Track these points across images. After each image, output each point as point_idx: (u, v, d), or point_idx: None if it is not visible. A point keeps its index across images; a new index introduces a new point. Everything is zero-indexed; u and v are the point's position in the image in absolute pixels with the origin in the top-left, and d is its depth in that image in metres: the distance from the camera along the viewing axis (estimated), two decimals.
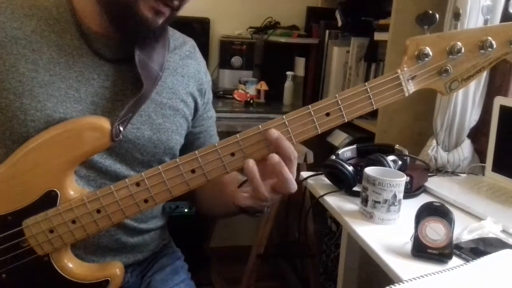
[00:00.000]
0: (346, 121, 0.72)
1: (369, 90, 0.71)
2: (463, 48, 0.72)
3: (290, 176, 0.71)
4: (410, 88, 0.73)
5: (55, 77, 0.79)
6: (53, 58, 0.79)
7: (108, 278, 0.80)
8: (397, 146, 1.27)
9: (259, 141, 0.72)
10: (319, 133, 0.73)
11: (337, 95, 0.71)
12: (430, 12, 0.73)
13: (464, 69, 0.73)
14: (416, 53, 0.72)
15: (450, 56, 0.72)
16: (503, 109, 1.26)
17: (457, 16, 0.81)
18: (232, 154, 0.72)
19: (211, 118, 1.02)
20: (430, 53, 0.72)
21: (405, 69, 0.72)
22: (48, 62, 0.79)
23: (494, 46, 0.71)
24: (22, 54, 0.78)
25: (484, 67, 0.74)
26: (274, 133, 0.70)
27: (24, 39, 0.78)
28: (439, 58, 0.72)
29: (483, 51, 0.72)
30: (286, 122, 0.71)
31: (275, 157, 0.70)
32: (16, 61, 0.77)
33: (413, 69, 0.72)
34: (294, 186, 0.73)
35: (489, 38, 0.71)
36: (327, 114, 0.72)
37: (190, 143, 0.97)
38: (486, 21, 0.79)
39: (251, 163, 0.71)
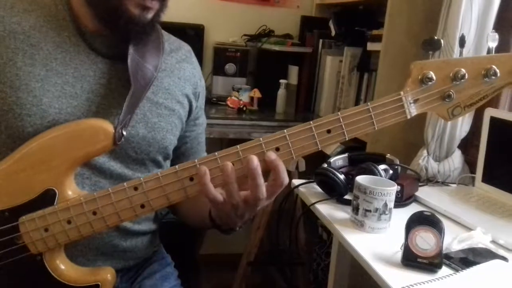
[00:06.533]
0: (347, 139, 0.72)
1: (371, 110, 0.71)
2: (467, 75, 0.71)
3: (263, 195, 0.71)
4: (412, 111, 0.73)
5: (51, 72, 0.80)
6: (50, 53, 0.80)
7: (99, 283, 0.79)
8: (388, 156, 1.27)
9: (258, 153, 0.71)
10: (319, 149, 0.72)
11: (339, 113, 0.71)
12: (436, 38, 0.74)
13: (468, 96, 0.73)
14: (419, 77, 0.72)
15: (454, 82, 0.72)
16: (493, 120, 1.27)
17: (462, 42, 0.80)
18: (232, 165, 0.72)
19: (201, 125, 1.03)
20: (434, 77, 0.71)
21: (408, 91, 0.72)
22: (45, 58, 0.80)
23: (498, 74, 0.71)
24: (20, 48, 0.79)
25: (488, 95, 0.73)
26: (272, 154, 0.70)
27: (22, 34, 0.79)
28: (443, 83, 0.72)
29: (487, 79, 0.71)
30: (287, 136, 0.71)
31: (253, 162, 0.69)
32: (14, 55, 0.78)
33: (416, 92, 0.72)
34: (262, 202, 0.72)
35: (494, 66, 0.71)
36: (328, 131, 0.72)
37: (177, 147, 0.97)
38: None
39: (230, 167, 0.70)
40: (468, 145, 1.48)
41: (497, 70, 0.71)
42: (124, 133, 0.78)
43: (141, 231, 0.94)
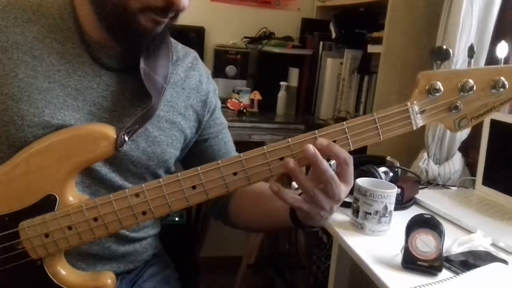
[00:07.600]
0: (352, 149, 0.72)
1: (377, 121, 0.71)
2: (475, 86, 0.70)
3: (332, 178, 0.69)
4: (419, 122, 0.72)
5: (54, 84, 0.78)
6: (53, 65, 0.79)
7: None
8: (388, 158, 1.27)
9: (261, 164, 0.71)
10: None
11: (344, 123, 0.71)
12: (444, 47, 0.73)
13: (475, 108, 0.71)
14: (427, 87, 0.70)
15: (461, 93, 0.70)
16: (494, 123, 1.27)
17: (471, 52, 0.78)
18: (234, 174, 0.71)
19: (220, 124, 1.01)
20: (441, 88, 0.70)
21: (414, 102, 0.71)
22: (48, 69, 0.78)
23: (507, 86, 0.70)
24: (23, 60, 0.77)
25: (495, 106, 0.72)
26: (324, 140, 0.69)
27: (25, 45, 0.78)
28: (450, 94, 0.71)
29: (494, 90, 0.70)
30: (291, 146, 0.71)
31: (309, 150, 0.68)
32: (16, 66, 0.77)
33: (422, 103, 0.71)
34: (338, 187, 0.70)
35: (502, 78, 0.69)
36: (334, 142, 0.71)
37: (203, 152, 0.96)
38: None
39: (292, 163, 0.69)
40: (468, 148, 1.48)
41: (506, 82, 0.69)
42: (126, 138, 0.77)
43: (140, 237, 0.94)
